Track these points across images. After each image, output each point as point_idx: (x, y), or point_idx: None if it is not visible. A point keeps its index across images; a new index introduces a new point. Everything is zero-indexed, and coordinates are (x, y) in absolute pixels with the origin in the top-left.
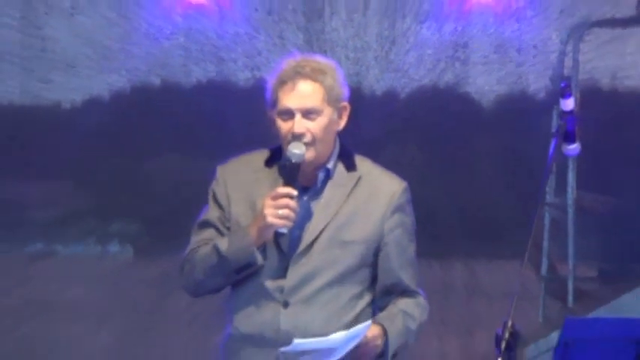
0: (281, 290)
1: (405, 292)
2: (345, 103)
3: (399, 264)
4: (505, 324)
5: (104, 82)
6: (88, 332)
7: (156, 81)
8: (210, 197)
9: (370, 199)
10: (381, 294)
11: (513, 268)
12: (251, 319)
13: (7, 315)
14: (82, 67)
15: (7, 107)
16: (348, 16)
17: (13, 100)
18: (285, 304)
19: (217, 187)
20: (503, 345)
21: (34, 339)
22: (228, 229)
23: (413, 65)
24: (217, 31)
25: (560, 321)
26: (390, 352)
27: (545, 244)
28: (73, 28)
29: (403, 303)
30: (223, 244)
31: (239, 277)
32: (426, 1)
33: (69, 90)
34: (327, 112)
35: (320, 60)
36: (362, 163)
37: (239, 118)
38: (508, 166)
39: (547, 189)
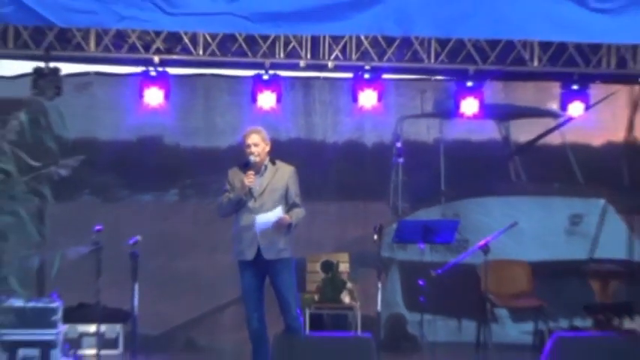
0: (255, 209)
1: (297, 206)
2: (268, 142)
3: (294, 196)
4: (379, 224)
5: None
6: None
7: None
8: (226, 181)
9: (282, 174)
10: (288, 208)
11: (381, 205)
12: (243, 221)
13: (204, 229)
14: (226, 132)
15: (200, 148)
16: (320, 114)
17: (202, 146)
18: (257, 214)
19: (228, 177)
20: (377, 229)
21: (218, 238)
22: (233, 190)
23: (345, 132)
24: (277, 120)
25: (398, 221)
26: (293, 225)
27: (391, 196)
28: (226, 118)
29: (296, 210)
30: (231, 195)
31: (238, 207)
32: (346, 109)
33: (220, 140)
34: (262, 144)
35: (258, 127)
36: (279, 162)
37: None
38: (379, 166)
39: (392, 174)
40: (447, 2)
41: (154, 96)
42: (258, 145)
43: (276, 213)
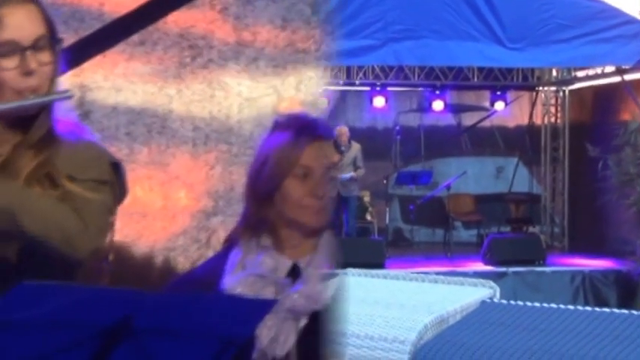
0: (339, 168)
1: (359, 168)
2: (349, 134)
3: (359, 161)
4: (386, 174)
5: None
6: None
7: None
8: None
9: (354, 149)
10: (356, 168)
11: (387, 162)
12: None
13: None
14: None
15: None
16: (352, 111)
17: None
18: (340, 171)
19: None
20: (386, 177)
21: None
22: None
23: (366, 121)
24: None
25: (397, 172)
26: (357, 177)
27: (393, 158)
28: None
29: (359, 170)
30: None
31: None
32: (366, 108)
33: None
34: (346, 139)
35: (345, 128)
36: (353, 142)
37: None
38: (386, 141)
39: (393, 145)
40: (423, 46)
41: None
42: (345, 140)
43: (349, 173)
